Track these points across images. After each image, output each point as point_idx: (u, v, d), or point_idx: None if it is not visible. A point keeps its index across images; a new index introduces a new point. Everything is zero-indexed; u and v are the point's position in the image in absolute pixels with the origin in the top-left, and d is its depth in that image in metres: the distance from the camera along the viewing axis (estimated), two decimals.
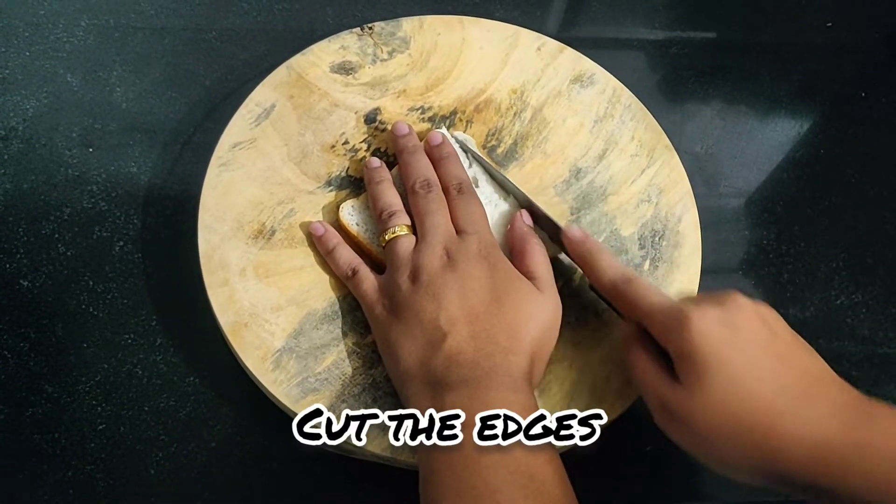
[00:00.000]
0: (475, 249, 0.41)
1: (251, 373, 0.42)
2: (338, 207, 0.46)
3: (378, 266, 0.44)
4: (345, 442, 0.41)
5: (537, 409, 0.37)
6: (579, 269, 0.45)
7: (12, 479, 0.41)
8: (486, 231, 0.43)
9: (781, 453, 0.35)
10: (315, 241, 0.45)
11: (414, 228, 0.44)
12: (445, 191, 0.45)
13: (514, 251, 0.44)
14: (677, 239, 0.49)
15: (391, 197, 0.45)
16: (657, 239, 0.49)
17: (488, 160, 0.49)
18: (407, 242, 0.43)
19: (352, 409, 0.41)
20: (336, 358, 0.42)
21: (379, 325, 0.41)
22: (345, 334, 0.43)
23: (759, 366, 0.36)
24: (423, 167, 0.46)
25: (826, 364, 0.38)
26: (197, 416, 0.44)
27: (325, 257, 0.45)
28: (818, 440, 0.34)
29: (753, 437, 0.35)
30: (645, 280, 0.41)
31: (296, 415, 0.41)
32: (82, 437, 0.43)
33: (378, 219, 0.44)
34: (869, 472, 0.33)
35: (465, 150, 0.48)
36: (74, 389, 0.44)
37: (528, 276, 0.42)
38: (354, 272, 0.43)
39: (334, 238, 0.45)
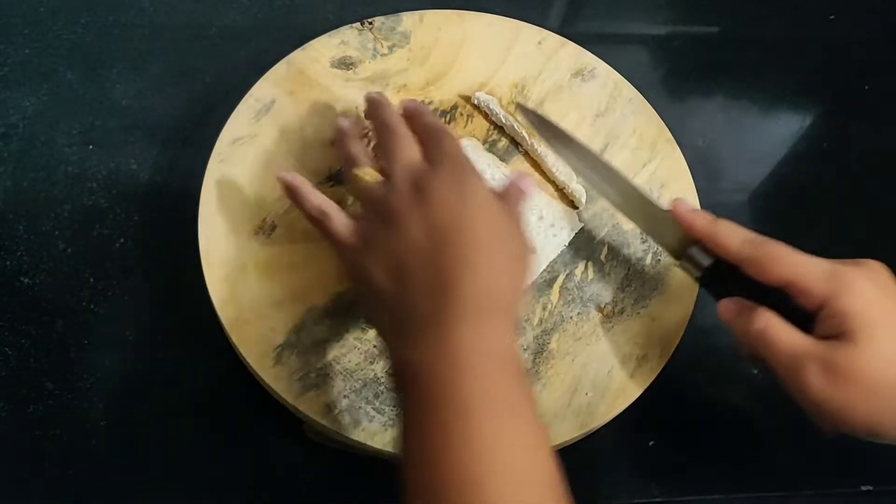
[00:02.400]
0: (447, 176, 0.37)
1: (252, 368, 0.41)
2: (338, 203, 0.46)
3: None
4: (347, 438, 0.41)
5: (514, 354, 0.35)
6: (580, 264, 0.45)
7: (13, 476, 0.41)
8: (463, 158, 0.39)
9: None
10: (284, 190, 0.41)
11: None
12: (419, 131, 0.41)
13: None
14: None
15: (359, 153, 0.41)
16: None
17: (514, 120, 0.49)
18: (374, 182, 0.39)
19: (353, 405, 0.41)
20: (337, 353, 0.42)
21: (350, 269, 0.38)
22: (346, 329, 0.43)
23: None
24: (395, 120, 0.41)
25: None
26: (198, 412, 0.44)
27: (294, 204, 0.41)
28: None
29: None
30: (775, 241, 0.40)
31: (297, 410, 0.41)
32: (84, 434, 0.43)
33: (347, 171, 0.41)
34: None
35: (488, 112, 0.49)
36: (75, 386, 0.44)
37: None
38: (324, 214, 0.39)
39: (304, 183, 0.41)
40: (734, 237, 0.40)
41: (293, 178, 0.41)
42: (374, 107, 0.43)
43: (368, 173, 0.40)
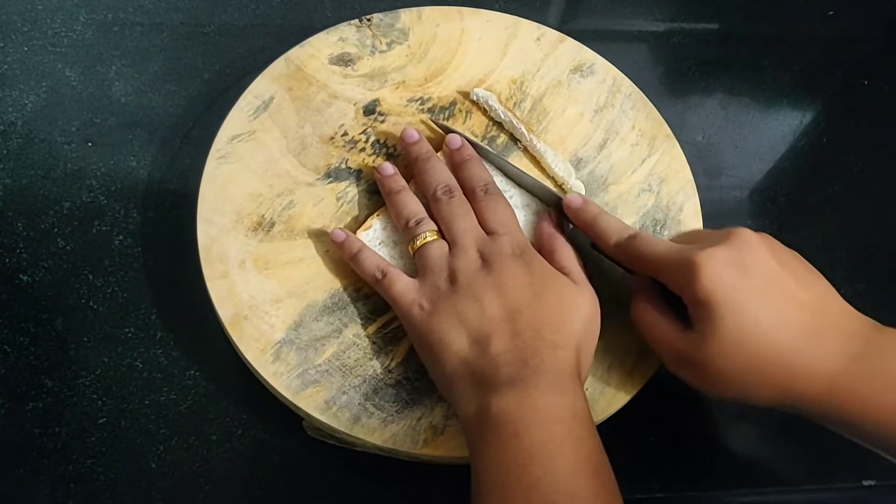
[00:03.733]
0: (508, 249, 0.41)
1: (251, 365, 0.41)
2: (337, 200, 0.46)
3: None
4: (346, 434, 0.40)
5: (587, 410, 0.37)
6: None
7: (13, 474, 0.41)
8: (517, 230, 0.43)
9: (795, 389, 0.36)
10: (337, 247, 0.44)
11: (441, 234, 0.43)
12: (471, 193, 0.44)
13: (543, 250, 0.44)
14: (679, 228, 0.49)
15: (414, 205, 0.44)
16: (658, 228, 0.49)
17: (513, 115, 0.49)
18: (439, 247, 0.42)
19: (352, 401, 0.41)
20: (336, 350, 0.42)
21: (418, 327, 0.40)
22: (345, 326, 0.43)
23: (771, 305, 0.36)
24: (440, 172, 0.45)
25: (833, 289, 0.39)
26: (197, 409, 0.44)
27: (350, 262, 0.44)
28: (829, 375, 0.35)
29: (768, 376, 0.36)
30: (647, 233, 0.41)
31: (296, 407, 0.41)
32: (83, 431, 0.43)
33: (404, 228, 0.44)
34: (878, 403, 0.35)
35: (487, 108, 0.50)
36: (75, 383, 0.44)
37: (561, 272, 0.42)
38: (384, 274, 0.42)
39: (357, 242, 0.44)
40: (610, 233, 0.42)
41: (347, 238, 0.44)
42: (424, 160, 0.46)
43: (432, 235, 0.43)
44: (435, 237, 0.43)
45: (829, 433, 0.38)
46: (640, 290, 0.42)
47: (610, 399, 0.43)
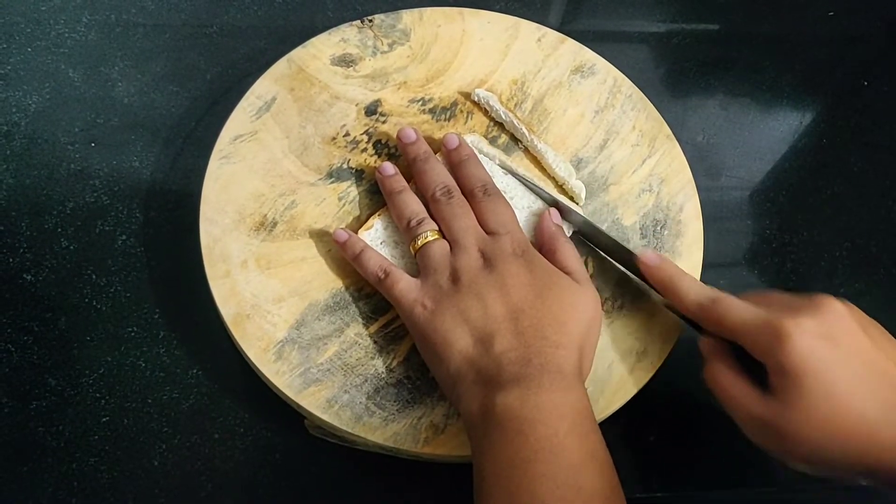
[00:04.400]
0: (510, 248, 0.41)
1: (253, 364, 0.42)
2: (339, 200, 0.47)
3: None
4: (348, 433, 0.41)
5: (589, 408, 0.37)
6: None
7: (17, 472, 0.42)
8: (518, 230, 0.43)
9: (882, 461, 0.35)
10: (339, 247, 0.44)
11: (442, 234, 0.44)
12: (470, 194, 0.45)
13: (543, 249, 0.44)
14: (679, 228, 0.49)
15: (415, 205, 0.44)
16: (659, 228, 0.49)
17: (514, 116, 0.49)
18: (440, 246, 0.42)
19: (354, 400, 0.41)
20: (338, 349, 0.43)
21: (421, 327, 0.40)
22: (347, 325, 0.43)
23: (860, 380, 0.36)
24: (439, 173, 0.45)
25: None
26: (200, 408, 0.44)
27: (352, 262, 0.44)
28: None
29: (854, 449, 0.35)
30: (729, 296, 0.40)
31: (298, 406, 0.41)
32: (86, 429, 0.43)
33: (405, 228, 0.44)
34: None
35: (488, 108, 0.50)
36: (78, 382, 0.44)
37: (563, 271, 0.42)
38: (386, 273, 0.42)
39: (359, 242, 0.44)
40: (689, 295, 0.41)
41: (350, 238, 0.44)
42: (423, 160, 0.46)
43: (433, 235, 0.43)
44: (436, 236, 0.43)
45: None
46: (714, 351, 0.41)
47: (610, 398, 0.43)
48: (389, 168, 0.46)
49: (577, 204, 0.48)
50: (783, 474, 0.47)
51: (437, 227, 0.44)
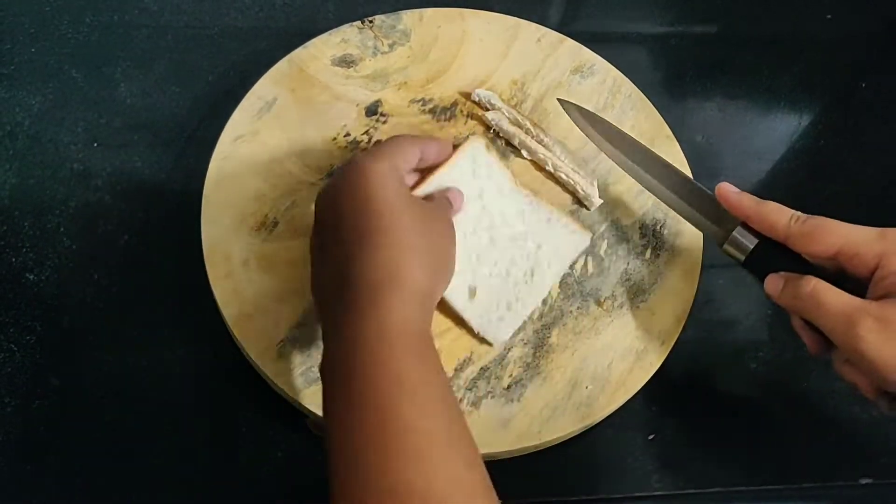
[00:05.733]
0: (362, 157, 0.39)
1: (255, 363, 0.42)
2: None
3: None
4: None
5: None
6: (580, 258, 0.46)
7: (19, 470, 0.42)
8: (388, 141, 0.41)
9: None
10: None
11: None
12: None
13: None
14: (678, 227, 0.49)
15: None
16: (658, 228, 0.49)
17: (517, 113, 0.49)
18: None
19: None
20: None
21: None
22: None
23: None
24: None
25: None
26: (202, 407, 0.44)
27: None
28: None
29: None
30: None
31: (300, 404, 0.41)
32: (88, 429, 0.43)
33: None
34: None
35: (489, 107, 0.50)
36: (80, 382, 0.44)
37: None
38: None
39: None
40: (782, 214, 0.41)
41: None
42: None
43: None
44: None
45: (827, 432, 0.38)
46: (795, 277, 0.40)
47: (610, 396, 0.43)
48: None
49: (592, 196, 0.48)
50: (782, 473, 0.47)
51: None
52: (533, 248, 0.46)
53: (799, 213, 0.41)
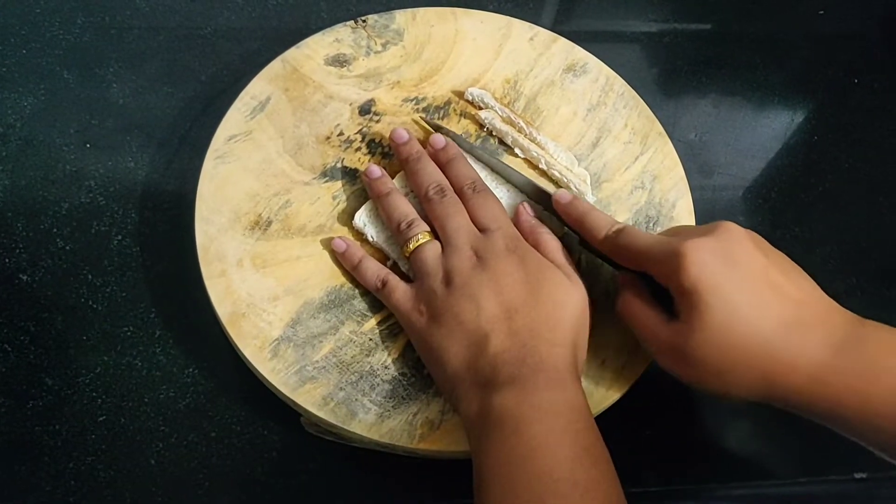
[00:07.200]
0: (502, 245, 0.42)
1: (249, 362, 0.42)
2: (333, 199, 0.47)
3: (399, 272, 0.45)
4: (343, 430, 0.41)
5: (585, 404, 0.37)
6: (574, 256, 0.46)
7: (14, 471, 0.42)
8: (509, 225, 0.43)
9: (780, 381, 0.36)
10: (339, 258, 0.45)
11: (434, 233, 0.44)
12: (459, 192, 0.45)
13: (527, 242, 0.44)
14: (672, 224, 0.49)
15: (404, 206, 0.45)
16: (651, 225, 0.49)
17: (510, 111, 0.50)
18: (432, 248, 0.43)
19: (350, 397, 0.41)
20: (333, 346, 0.43)
21: (418, 333, 0.41)
22: (342, 323, 0.43)
23: (756, 296, 0.37)
24: (431, 172, 0.46)
25: (815, 284, 0.39)
26: (196, 406, 0.44)
27: (351, 272, 0.44)
28: (813, 367, 0.36)
29: (752, 367, 0.36)
30: (634, 227, 0.42)
31: (294, 403, 0.41)
32: (83, 428, 0.43)
33: (396, 230, 0.44)
34: (861, 394, 0.35)
35: (482, 106, 0.51)
36: (75, 382, 0.44)
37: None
38: (384, 283, 0.43)
39: (358, 252, 0.44)
40: (598, 228, 0.42)
41: (349, 248, 0.44)
42: (415, 160, 0.46)
43: (424, 237, 0.43)
44: (427, 238, 0.43)
45: (820, 427, 0.38)
46: (627, 285, 0.42)
47: (604, 393, 0.44)
48: (376, 171, 0.46)
49: (585, 194, 0.48)
50: (777, 468, 0.47)
51: (427, 229, 0.44)
52: None
53: (616, 224, 0.42)
